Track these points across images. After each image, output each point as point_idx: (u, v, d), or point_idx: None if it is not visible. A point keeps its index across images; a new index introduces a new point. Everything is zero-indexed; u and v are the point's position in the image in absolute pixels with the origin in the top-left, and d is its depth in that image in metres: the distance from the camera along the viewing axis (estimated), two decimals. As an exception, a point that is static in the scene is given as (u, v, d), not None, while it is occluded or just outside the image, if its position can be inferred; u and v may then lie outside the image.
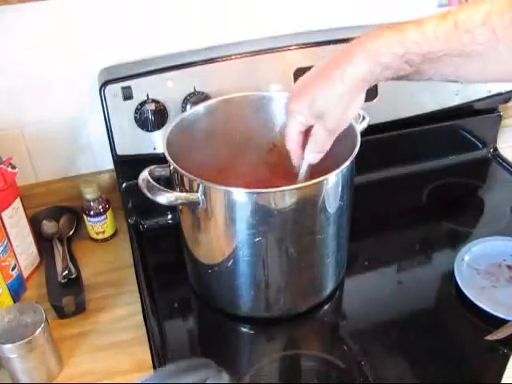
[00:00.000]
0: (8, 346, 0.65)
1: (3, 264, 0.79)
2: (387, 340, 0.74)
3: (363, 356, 0.71)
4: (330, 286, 0.80)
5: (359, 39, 0.56)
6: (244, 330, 0.79)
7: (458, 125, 1.07)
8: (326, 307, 0.80)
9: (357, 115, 0.60)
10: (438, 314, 0.78)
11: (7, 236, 0.81)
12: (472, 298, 0.76)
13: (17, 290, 0.82)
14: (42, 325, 0.67)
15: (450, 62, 0.54)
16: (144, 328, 0.77)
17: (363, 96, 0.60)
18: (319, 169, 0.70)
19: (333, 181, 0.68)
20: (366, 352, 0.72)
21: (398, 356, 0.72)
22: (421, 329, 0.75)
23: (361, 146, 0.69)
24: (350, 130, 0.73)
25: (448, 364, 0.70)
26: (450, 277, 0.81)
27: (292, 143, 0.66)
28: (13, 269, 0.81)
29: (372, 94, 0.94)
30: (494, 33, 0.50)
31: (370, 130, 0.77)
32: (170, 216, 0.96)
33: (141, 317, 0.79)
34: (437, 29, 0.52)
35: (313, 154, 0.65)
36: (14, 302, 0.79)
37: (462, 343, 0.74)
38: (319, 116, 0.60)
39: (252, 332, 0.79)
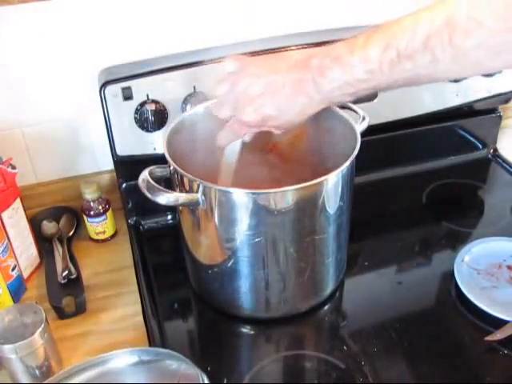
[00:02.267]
0: (8, 346, 0.65)
1: (3, 264, 0.79)
2: (387, 340, 0.74)
3: (363, 356, 0.71)
4: (330, 287, 0.80)
5: (311, 72, 0.59)
6: (244, 330, 0.79)
7: (458, 125, 1.07)
8: (326, 307, 0.80)
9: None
10: (437, 315, 0.78)
11: (7, 236, 0.81)
12: (472, 299, 0.76)
13: (17, 290, 0.82)
14: (42, 325, 0.67)
15: (396, 85, 0.57)
16: (144, 328, 0.77)
17: None
18: (319, 169, 0.70)
19: (333, 181, 0.68)
20: (365, 352, 0.72)
21: (398, 356, 0.72)
22: (421, 329, 0.75)
23: (361, 147, 0.69)
24: (350, 130, 0.73)
25: (448, 364, 0.70)
26: (449, 277, 0.81)
27: None
28: (13, 269, 0.81)
29: (372, 94, 0.94)
30: (433, 55, 0.51)
31: (370, 130, 0.77)
32: (170, 216, 0.96)
33: (141, 317, 0.79)
34: (382, 61, 0.54)
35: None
36: (14, 302, 0.79)
37: (462, 344, 0.74)
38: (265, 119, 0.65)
39: (252, 332, 0.78)
